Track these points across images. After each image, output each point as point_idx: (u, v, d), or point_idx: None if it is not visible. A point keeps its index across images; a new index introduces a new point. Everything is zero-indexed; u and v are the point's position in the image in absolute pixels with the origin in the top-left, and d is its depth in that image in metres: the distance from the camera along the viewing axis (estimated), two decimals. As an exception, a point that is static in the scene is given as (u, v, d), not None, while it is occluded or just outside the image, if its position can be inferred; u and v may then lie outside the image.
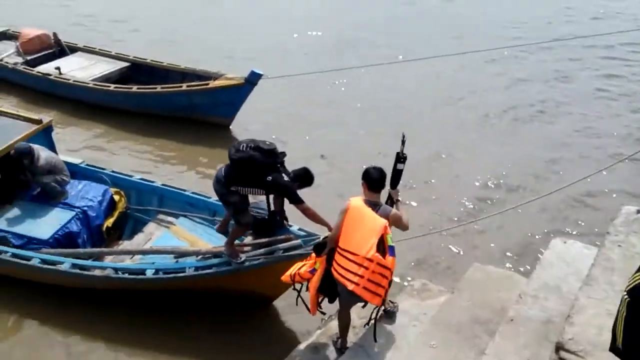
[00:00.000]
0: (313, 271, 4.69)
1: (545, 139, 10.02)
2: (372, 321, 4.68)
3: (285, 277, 4.96)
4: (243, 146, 5.19)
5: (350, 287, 4.26)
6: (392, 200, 4.74)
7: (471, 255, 6.99)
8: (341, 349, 4.87)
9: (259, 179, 5.20)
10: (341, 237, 4.38)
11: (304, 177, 5.40)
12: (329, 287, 4.63)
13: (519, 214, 7.51)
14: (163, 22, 15.31)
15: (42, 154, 6.61)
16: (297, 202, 5.18)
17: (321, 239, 4.92)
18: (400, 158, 4.71)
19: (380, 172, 4.50)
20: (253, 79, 9.50)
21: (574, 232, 7.50)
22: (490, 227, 7.52)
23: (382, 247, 4.25)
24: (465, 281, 5.23)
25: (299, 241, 5.50)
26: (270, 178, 5.15)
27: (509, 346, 4.11)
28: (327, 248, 4.56)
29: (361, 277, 4.20)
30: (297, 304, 5.03)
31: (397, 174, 4.77)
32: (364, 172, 4.52)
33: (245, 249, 5.75)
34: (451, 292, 5.22)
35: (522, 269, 6.58)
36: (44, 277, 6.11)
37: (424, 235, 6.43)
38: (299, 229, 5.87)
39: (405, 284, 6.02)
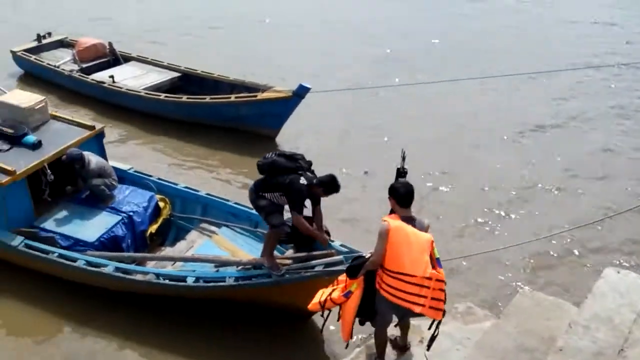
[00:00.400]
0: (347, 294, 4.57)
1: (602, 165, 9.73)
2: (433, 333, 4.65)
3: (314, 305, 4.84)
4: (269, 154, 5.56)
5: (418, 310, 4.27)
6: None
7: (519, 279, 6.85)
8: None
9: (282, 182, 5.39)
10: (390, 260, 4.31)
11: (329, 184, 5.44)
12: (365, 309, 4.60)
13: (570, 240, 7.29)
14: (215, 34, 15.75)
15: (92, 158, 6.93)
16: (296, 210, 5.36)
17: (356, 260, 4.74)
18: (401, 173, 4.81)
19: (407, 186, 4.51)
20: (301, 92, 9.67)
21: (629, 263, 7.24)
22: (540, 251, 7.35)
23: (431, 261, 4.28)
24: (512, 307, 5.14)
25: (340, 257, 5.52)
26: (288, 180, 5.34)
27: None
28: (362, 271, 4.50)
29: (425, 297, 4.22)
30: (322, 331, 5.03)
31: None
32: (391, 189, 4.54)
33: (286, 262, 5.81)
34: (497, 318, 5.13)
35: (572, 298, 6.36)
36: (88, 278, 6.33)
37: (471, 256, 6.34)
38: (341, 245, 5.89)
39: (450, 306, 5.90)
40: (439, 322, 4.48)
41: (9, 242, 6.40)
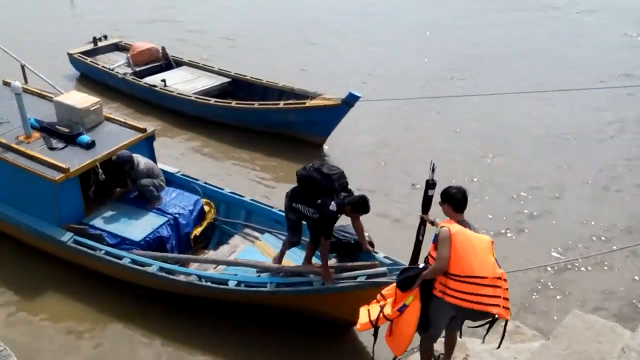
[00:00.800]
0: (402, 308, 4.50)
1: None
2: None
3: (364, 325, 4.73)
4: (309, 166, 5.64)
5: (495, 311, 4.26)
6: (429, 223, 4.93)
7: (571, 298, 6.73)
8: None
9: (314, 200, 5.51)
10: (456, 265, 4.30)
11: (357, 204, 5.53)
12: (421, 320, 4.55)
13: (628, 258, 7.07)
14: (267, 41, 16.02)
15: (141, 160, 7.20)
16: (322, 234, 5.53)
17: (406, 272, 4.70)
18: (430, 185, 4.87)
19: (462, 191, 4.56)
20: (350, 101, 9.77)
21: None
22: (595, 269, 7.20)
23: None
24: (562, 328, 5.03)
25: (384, 269, 5.53)
26: (319, 201, 5.48)
27: None
28: (419, 281, 4.47)
29: (499, 297, 4.26)
30: (373, 352, 4.92)
31: (428, 200, 4.97)
32: (445, 194, 4.57)
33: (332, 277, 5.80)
34: (546, 338, 5.04)
35: (626, 321, 6.18)
36: (132, 276, 6.55)
37: (523, 270, 6.26)
38: (385, 257, 5.91)
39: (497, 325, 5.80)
40: (506, 322, 4.47)
41: (59, 237, 6.72)
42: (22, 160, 6.85)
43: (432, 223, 4.89)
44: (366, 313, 4.72)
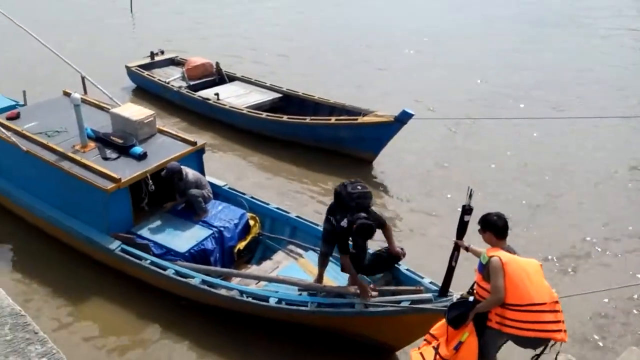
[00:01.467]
0: (458, 346, 4.50)
1: None
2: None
3: None
4: (347, 182, 5.94)
5: (560, 337, 4.34)
6: (463, 248, 4.89)
7: (625, 334, 6.54)
8: None
9: (335, 215, 5.84)
10: (513, 294, 4.32)
11: (359, 228, 5.65)
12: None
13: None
14: (324, 57, 16.38)
15: (190, 171, 7.48)
16: (339, 250, 5.76)
17: (456, 308, 4.68)
18: (467, 210, 4.82)
19: (503, 218, 4.62)
20: (403, 118, 9.86)
21: None
22: None
23: None
24: None
25: (429, 295, 5.47)
26: (338, 216, 5.77)
27: None
28: (472, 315, 4.49)
29: (560, 322, 4.33)
30: None
31: (463, 226, 4.92)
32: (486, 222, 4.63)
33: (372, 293, 5.85)
34: None
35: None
36: (175, 288, 6.78)
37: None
38: (431, 282, 5.90)
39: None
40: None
41: (107, 245, 7.05)
42: (76, 168, 7.24)
43: (467, 249, 4.91)
44: (419, 357, 4.73)
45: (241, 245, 7.30)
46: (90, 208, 7.25)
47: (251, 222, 7.54)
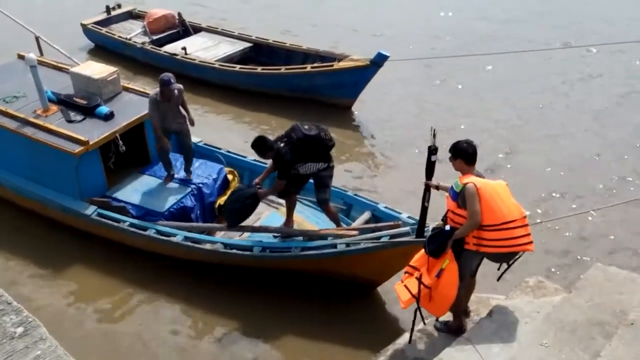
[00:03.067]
0: (440, 274, 4.87)
1: None
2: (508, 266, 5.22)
3: (408, 302, 5.05)
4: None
5: (530, 247, 4.90)
6: (433, 188, 5.27)
7: (590, 250, 7.39)
8: (458, 330, 5.30)
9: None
10: (489, 216, 4.76)
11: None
12: None
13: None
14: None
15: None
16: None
17: (435, 238, 5.00)
18: (432, 150, 5.15)
19: (472, 145, 4.99)
20: (379, 61, 10.19)
21: None
22: (613, 220, 7.82)
23: None
24: (584, 281, 5.40)
25: (407, 229, 6.01)
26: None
27: (627, 350, 4.39)
28: (450, 242, 4.86)
29: (528, 234, 4.87)
30: (424, 323, 5.37)
31: (430, 166, 5.25)
32: (455, 148, 4.97)
33: (352, 233, 6.35)
34: (568, 292, 5.43)
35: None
36: (157, 247, 7.13)
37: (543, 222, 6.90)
38: (409, 217, 6.39)
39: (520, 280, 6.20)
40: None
41: (83, 210, 7.33)
42: (41, 134, 7.39)
43: (437, 188, 5.29)
44: (404, 289, 5.09)
45: (221, 200, 7.61)
46: (60, 174, 7.45)
47: (230, 177, 7.87)
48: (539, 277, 5.96)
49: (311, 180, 6.65)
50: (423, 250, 5.04)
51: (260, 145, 6.33)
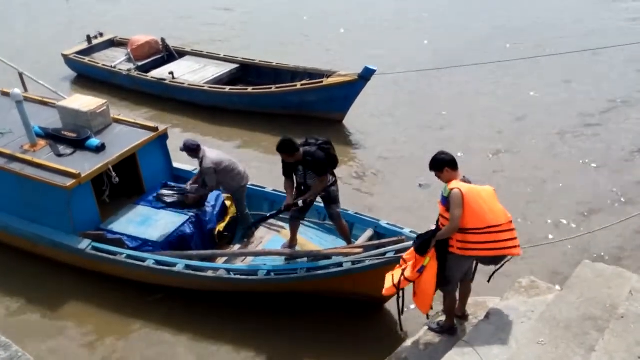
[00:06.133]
0: (421, 270, 5.18)
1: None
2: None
3: (388, 290, 5.45)
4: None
5: (516, 251, 5.09)
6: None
7: (581, 252, 7.48)
8: (451, 329, 5.60)
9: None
10: (472, 220, 5.00)
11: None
12: (439, 278, 5.24)
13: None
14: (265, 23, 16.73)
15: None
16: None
17: (421, 237, 5.26)
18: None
19: (447, 152, 5.24)
20: (366, 75, 10.51)
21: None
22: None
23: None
24: (574, 278, 5.57)
25: (411, 243, 5.89)
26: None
27: (620, 343, 4.62)
28: (433, 242, 5.12)
29: (514, 239, 5.07)
30: (401, 312, 5.68)
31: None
32: (436, 161, 5.21)
33: (356, 250, 6.34)
34: (560, 289, 5.64)
35: (633, 266, 6.83)
36: (157, 278, 7.03)
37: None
38: (411, 232, 6.44)
39: (513, 281, 6.34)
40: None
41: (76, 245, 7.21)
42: (29, 169, 7.27)
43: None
44: (390, 278, 5.47)
45: (220, 226, 7.56)
46: (51, 209, 7.33)
47: (227, 203, 7.79)
48: (531, 277, 6.19)
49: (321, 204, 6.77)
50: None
51: (290, 145, 6.33)
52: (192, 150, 7.36)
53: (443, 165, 5.18)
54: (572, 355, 4.66)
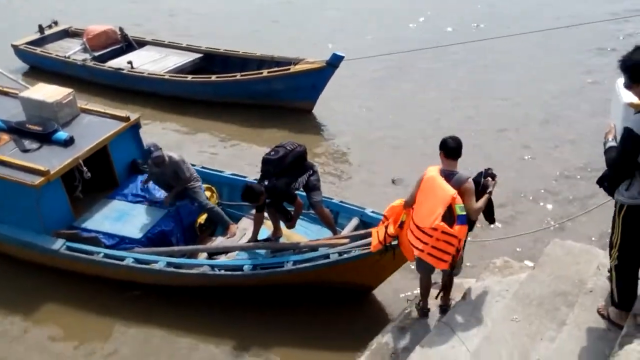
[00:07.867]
0: (401, 225, 5.42)
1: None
2: (442, 285, 5.65)
3: (376, 246, 5.69)
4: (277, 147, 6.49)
5: (416, 253, 5.18)
6: (483, 187, 5.29)
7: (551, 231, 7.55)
8: (423, 310, 5.75)
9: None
10: (414, 208, 5.17)
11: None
12: None
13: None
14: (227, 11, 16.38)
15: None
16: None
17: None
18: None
19: (457, 141, 5.09)
20: (334, 62, 10.33)
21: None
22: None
23: (451, 216, 4.88)
24: (545, 256, 5.75)
25: None
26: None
27: (589, 316, 4.79)
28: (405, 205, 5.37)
29: (426, 244, 5.03)
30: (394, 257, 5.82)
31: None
32: (442, 141, 5.12)
33: (343, 241, 6.32)
34: (532, 268, 5.82)
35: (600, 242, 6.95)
36: (137, 276, 6.81)
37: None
38: None
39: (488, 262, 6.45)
40: (450, 274, 5.40)
41: (49, 245, 6.89)
42: None
43: (485, 189, 5.36)
44: (376, 235, 5.70)
45: (201, 219, 7.40)
46: (21, 209, 6.99)
47: (207, 194, 7.58)
48: (505, 257, 6.30)
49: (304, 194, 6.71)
50: (396, 202, 5.51)
51: (251, 194, 6.24)
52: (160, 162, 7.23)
53: (441, 146, 5.10)
54: (545, 330, 4.86)
